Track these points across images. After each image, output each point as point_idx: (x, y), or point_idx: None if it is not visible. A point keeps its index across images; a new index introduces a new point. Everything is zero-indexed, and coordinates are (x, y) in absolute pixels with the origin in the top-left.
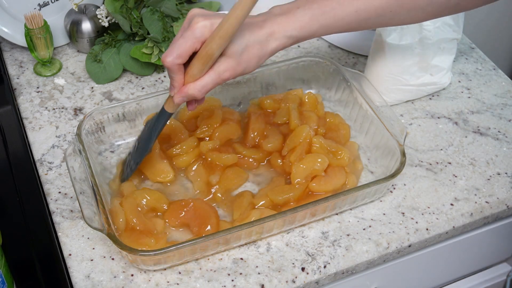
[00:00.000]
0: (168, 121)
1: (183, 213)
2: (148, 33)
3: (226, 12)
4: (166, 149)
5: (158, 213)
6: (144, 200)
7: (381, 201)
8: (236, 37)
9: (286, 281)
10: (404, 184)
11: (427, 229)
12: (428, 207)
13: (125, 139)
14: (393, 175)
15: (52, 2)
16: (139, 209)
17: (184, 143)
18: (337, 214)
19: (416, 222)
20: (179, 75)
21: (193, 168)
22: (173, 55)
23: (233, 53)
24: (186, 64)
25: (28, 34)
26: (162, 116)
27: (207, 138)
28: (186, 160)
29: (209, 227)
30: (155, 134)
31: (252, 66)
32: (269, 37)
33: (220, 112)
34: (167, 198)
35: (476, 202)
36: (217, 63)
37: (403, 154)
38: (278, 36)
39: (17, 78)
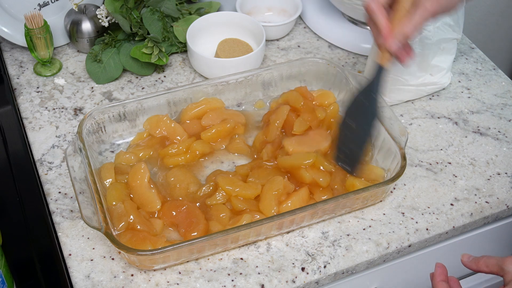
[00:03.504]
0: (173, 123)
1: (175, 213)
2: (148, 33)
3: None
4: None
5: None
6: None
7: (381, 201)
8: None
9: (286, 281)
10: (404, 184)
11: (427, 229)
12: (428, 207)
13: (126, 138)
14: (393, 179)
15: (52, 2)
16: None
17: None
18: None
19: (416, 222)
20: (384, 18)
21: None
22: None
23: None
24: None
25: (28, 34)
26: (378, 74)
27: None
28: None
29: (195, 233)
30: (375, 96)
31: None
32: None
33: (225, 114)
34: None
35: (476, 202)
36: (418, 1)
37: (404, 157)
38: None
39: (17, 78)
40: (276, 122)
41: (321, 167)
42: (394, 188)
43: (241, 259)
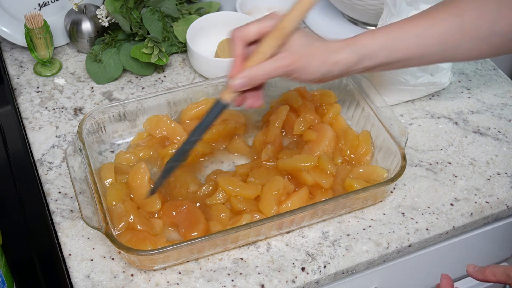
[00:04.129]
0: (173, 123)
1: (175, 213)
2: (148, 33)
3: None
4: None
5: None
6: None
7: (381, 201)
8: (301, 38)
9: (286, 281)
10: (404, 184)
11: (427, 229)
12: (428, 207)
13: (126, 138)
14: (393, 179)
15: (52, 2)
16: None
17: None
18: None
19: (416, 222)
20: (239, 49)
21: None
22: (240, 27)
23: (296, 47)
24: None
25: (28, 34)
26: (215, 108)
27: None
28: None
29: (195, 233)
30: (201, 130)
31: (314, 68)
32: (334, 49)
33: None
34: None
35: (476, 202)
36: (278, 52)
37: (404, 157)
38: (342, 49)
39: (17, 78)
40: (276, 123)
41: (327, 169)
42: (394, 188)
43: (241, 259)
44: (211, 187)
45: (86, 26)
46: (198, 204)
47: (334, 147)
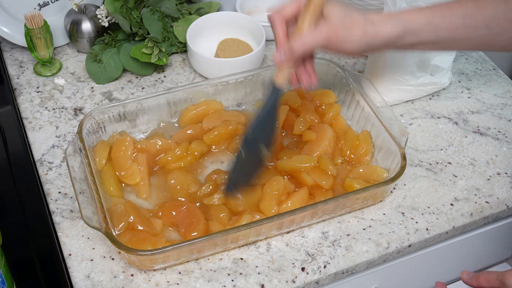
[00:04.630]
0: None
1: (175, 213)
2: (148, 33)
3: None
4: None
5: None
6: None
7: (381, 201)
8: (339, 9)
9: (286, 281)
10: (404, 184)
11: (427, 229)
12: (428, 207)
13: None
14: (393, 179)
15: (52, 2)
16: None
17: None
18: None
19: (416, 222)
20: (280, 28)
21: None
22: (276, 10)
23: (335, 18)
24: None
25: (28, 34)
26: (272, 94)
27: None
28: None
29: (195, 233)
30: (274, 117)
31: (353, 38)
32: (374, 21)
33: (225, 115)
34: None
35: (476, 202)
36: (317, 25)
37: (404, 157)
38: (385, 21)
39: (17, 78)
40: None
41: (328, 169)
42: (394, 188)
43: (241, 259)
44: (211, 187)
45: (86, 26)
46: (198, 204)
47: (333, 147)
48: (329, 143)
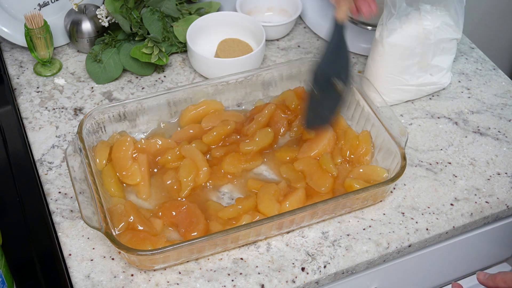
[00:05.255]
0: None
1: (175, 213)
2: (148, 33)
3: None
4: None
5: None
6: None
7: (381, 201)
8: None
9: (286, 281)
10: (404, 184)
11: (427, 229)
12: (428, 207)
13: None
14: (393, 179)
15: (52, 2)
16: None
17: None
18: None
19: (416, 222)
20: None
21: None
22: None
23: None
24: None
25: (28, 34)
26: (336, 31)
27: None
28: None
29: (195, 233)
30: (344, 51)
31: None
32: None
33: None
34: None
35: (476, 202)
36: None
37: (404, 157)
38: None
39: (17, 78)
40: (259, 118)
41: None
42: (394, 188)
43: (241, 259)
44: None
45: (86, 26)
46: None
47: (333, 147)
48: (328, 142)
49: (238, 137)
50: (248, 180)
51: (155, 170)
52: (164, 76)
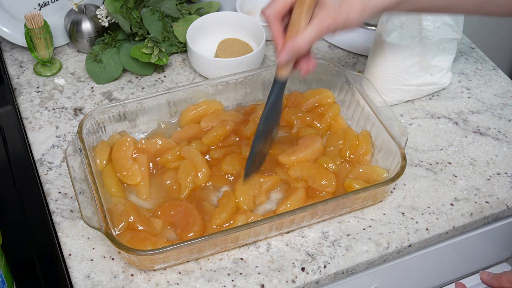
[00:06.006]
0: (160, 140)
1: (173, 213)
2: (148, 33)
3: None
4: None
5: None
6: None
7: (381, 201)
8: None
9: (286, 281)
10: (404, 184)
11: (427, 229)
12: (428, 207)
13: None
14: (393, 179)
15: (52, 2)
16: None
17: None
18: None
19: (416, 222)
20: (277, 27)
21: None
22: (268, 6)
23: (331, 2)
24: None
25: (28, 34)
26: (276, 88)
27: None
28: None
29: (191, 234)
30: (267, 113)
31: (354, 17)
32: None
33: (225, 115)
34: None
35: (476, 202)
36: (315, 14)
37: (404, 157)
38: None
39: (17, 78)
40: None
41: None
42: (394, 188)
43: (241, 259)
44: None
45: (86, 26)
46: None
47: (318, 156)
48: (312, 152)
49: (237, 139)
50: None
51: (155, 171)
52: (164, 76)
